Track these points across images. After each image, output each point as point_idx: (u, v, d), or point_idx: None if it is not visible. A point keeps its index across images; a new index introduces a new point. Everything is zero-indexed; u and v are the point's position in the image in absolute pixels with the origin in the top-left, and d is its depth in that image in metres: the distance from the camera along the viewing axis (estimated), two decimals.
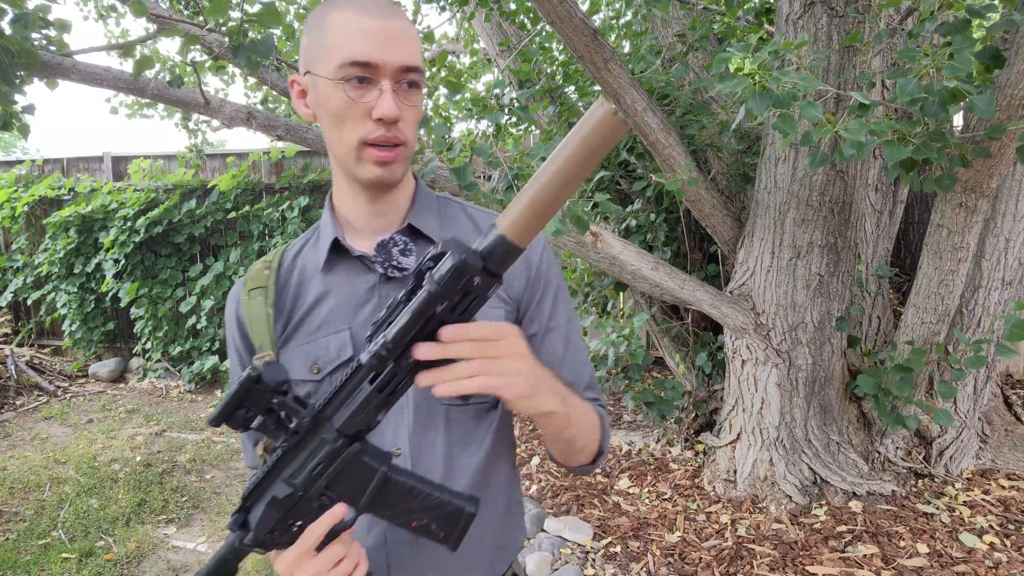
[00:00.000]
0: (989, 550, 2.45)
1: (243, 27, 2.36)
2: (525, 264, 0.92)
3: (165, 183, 5.67)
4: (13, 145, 20.83)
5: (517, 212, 0.58)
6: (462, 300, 0.63)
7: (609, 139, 0.55)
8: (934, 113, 1.81)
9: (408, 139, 0.84)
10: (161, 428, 4.54)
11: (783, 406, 2.82)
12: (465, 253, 0.59)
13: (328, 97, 0.82)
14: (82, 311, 5.77)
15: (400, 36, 0.80)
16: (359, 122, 0.81)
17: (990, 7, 1.88)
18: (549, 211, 0.58)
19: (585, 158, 0.55)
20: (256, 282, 0.93)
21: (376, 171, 0.83)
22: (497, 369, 0.64)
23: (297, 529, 0.75)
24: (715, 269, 3.46)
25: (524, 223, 0.58)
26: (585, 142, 0.55)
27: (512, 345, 0.66)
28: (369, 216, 0.91)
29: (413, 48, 0.82)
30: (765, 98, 1.76)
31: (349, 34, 0.79)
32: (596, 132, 0.54)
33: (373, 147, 0.82)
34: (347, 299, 0.89)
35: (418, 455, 0.88)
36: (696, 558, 2.54)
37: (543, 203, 0.57)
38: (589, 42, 2.43)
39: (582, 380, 0.96)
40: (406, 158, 0.86)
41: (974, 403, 2.98)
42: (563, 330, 0.94)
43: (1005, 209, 2.68)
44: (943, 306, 2.62)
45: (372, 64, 0.79)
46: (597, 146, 0.55)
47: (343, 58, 0.79)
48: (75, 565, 2.84)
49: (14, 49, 2.52)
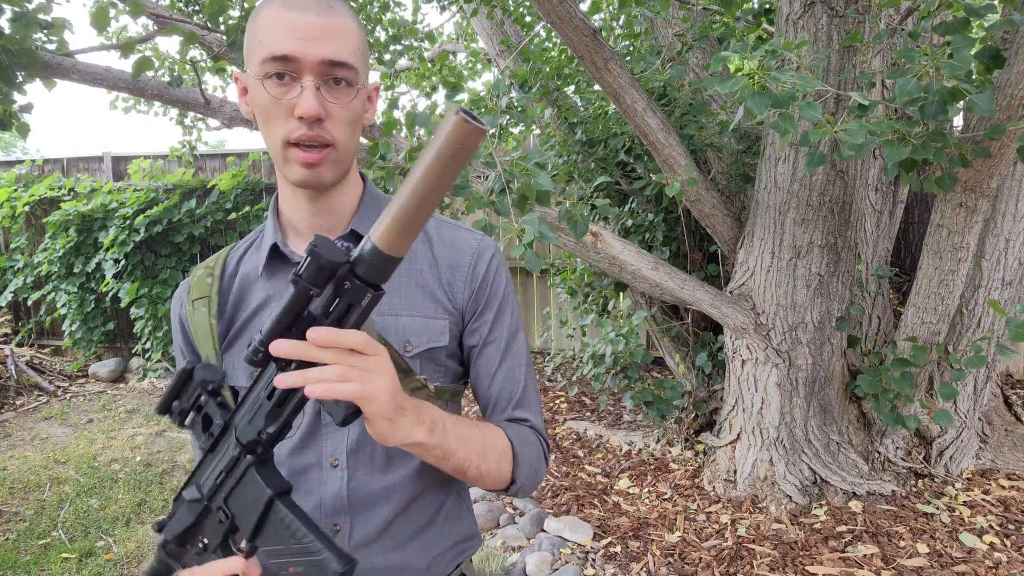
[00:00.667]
0: (989, 550, 2.45)
1: (242, 24, 2.36)
2: (471, 274, 0.90)
3: (165, 183, 5.67)
4: (13, 145, 20.83)
5: (386, 223, 0.58)
6: (336, 303, 0.62)
7: (464, 148, 0.54)
8: (933, 113, 1.81)
9: (336, 139, 0.80)
10: (161, 428, 4.54)
11: (783, 406, 2.82)
12: (322, 246, 0.59)
13: (255, 94, 0.80)
14: (82, 311, 5.77)
15: (327, 30, 0.77)
16: (283, 121, 0.78)
17: (989, 7, 1.88)
18: (417, 221, 0.58)
19: (441, 169, 0.55)
20: (199, 291, 0.92)
21: (301, 172, 0.80)
22: (362, 379, 0.62)
23: (203, 547, 0.75)
24: (715, 269, 3.46)
25: (393, 233, 0.58)
26: (439, 154, 0.55)
27: (381, 362, 0.64)
28: (310, 219, 0.88)
29: (343, 43, 0.78)
30: (764, 98, 1.76)
31: (272, 29, 0.77)
32: (449, 143, 0.54)
33: (297, 147, 0.79)
34: None
35: (355, 465, 0.87)
36: (696, 558, 2.54)
37: (408, 215, 0.57)
38: (589, 42, 2.43)
39: (512, 397, 0.93)
40: (337, 160, 0.82)
41: (974, 403, 2.98)
42: (502, 343, 0.92)
43: (1005, 209, 2.68)
44: (943, 306, 2.62)
45: (291, 58, 0.76)
46: (452, 156, 0.55)
47: (265, 53, 0.77)
48: (75, 565, 2.84)
49: (14, 49, 2.52)
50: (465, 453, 0.80)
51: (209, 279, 0.92)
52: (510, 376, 0.93)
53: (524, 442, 0.90)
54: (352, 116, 0.82)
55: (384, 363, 0.65)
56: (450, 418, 0.78)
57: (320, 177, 0.81)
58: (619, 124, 3.52)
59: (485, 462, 0.83)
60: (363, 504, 0.87)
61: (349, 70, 0.79)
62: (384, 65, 4.09)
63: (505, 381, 0.93)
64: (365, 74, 0.84)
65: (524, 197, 1.94)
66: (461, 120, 0.53)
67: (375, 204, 0.92)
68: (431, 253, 0.91)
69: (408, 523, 0.90)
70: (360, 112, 0.84)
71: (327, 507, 0.87)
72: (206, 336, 0.89)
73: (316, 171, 0.81)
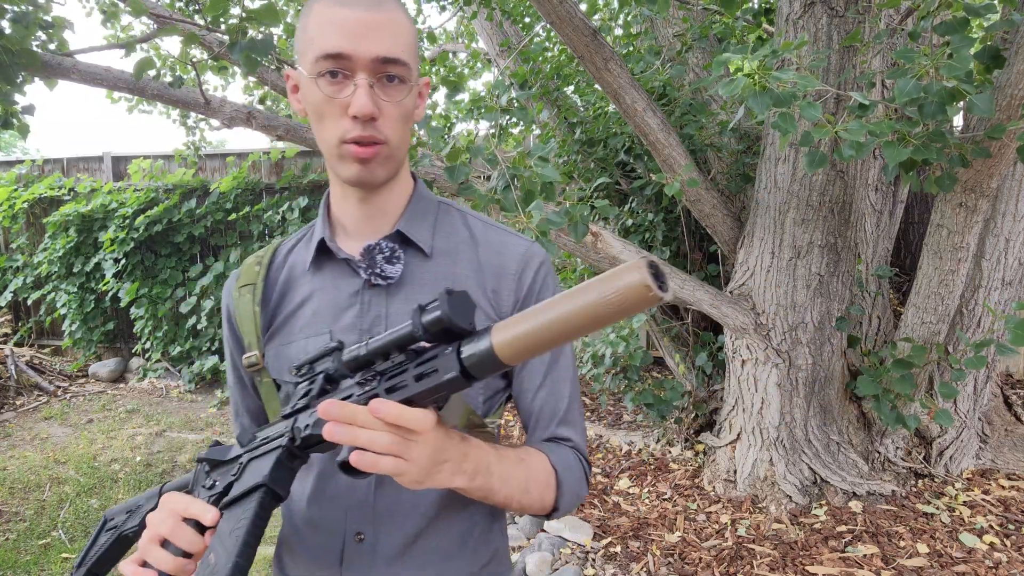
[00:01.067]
0: (989, 550, 2.45)
1: (242, 25, 2.36)
2: (517, 283, 0.87)
3: (165, 183, 5.67)
4: (13, 145, 20.84)
5: (514, 334, 0.55)
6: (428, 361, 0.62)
7: (631, 308, 0.49)
8: (932, 114, 1.81)
9: (388, 137, 0.79)
10: (161, 428, 4.54)
11: (783, 406, 2.82)
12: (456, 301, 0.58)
13: (308, 93, 0.79)
14: (82, 311, 5.77)
15: (380, 27, 0.75)
16: (337, 119, 0.77)
17: (989, 7, 1.88)
18: (545, 347, 0.55)
19: (596, 316, 0.51)
20: (247, 278, 0.92)
21: (354, 169, 0.79)
22: (404, 453, 0.61)
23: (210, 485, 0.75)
24: (715, 269, 3.47)
25: (516, 348, 0.55)
26: (603, 302, 0.50)
27: (428, 439, 0.63)
28: (359, 218, 0.87)
29: (396, 40, 0.77)
30: (765, 97, 1.76)
31: (325, 26, 0.76)
32: (619, 296, 0.49)
33: (353, 144, 0.78)
34: (330, 303, 0.87)
35: (381, 476, 0.82)
36: (696, 558, 2.54)
37: (540, 341, 0.54)
38: (589, 42, 2.43)
39: (556, 413, 0.90)
40: (389, 157, 0.81)
41: (974, 403, 2.98)
42: (547, 357, 0.89)
43: (1005, 209, 2.68)
44: (943, 306, 2.62)
45: (345, 56, 0.75)
46: (615, 311, 0.50)
47: (318, 51, 0.76)
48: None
49: (14, 49, 2.52)
50: (507, 492, 0.78)
51: (257, 267, 0.92)
52: (554, 392, 0.89)
53: (567, 467, 0.87)
54: (404, 114, 0.80)
55: (432, 438, 0.64)
56: (495, 457, 0.75)
57: (372, 174, 0.80)
58: (619, 124, 3.52)
59: (528, 497, 0.81)
60: (390, 515, 0.84)
61: (402, 67, 0.77)
62: None
63: (549, 397, 0.89)
64: (416, 70, 0.82)
65: (530, 193, 1.94)
66: (643, 285, 0.48)
67: (423, 206, 0.90)
68: (476, 258, 0.88)
69: (436, 540, 0.86)
70: (412, 109, 0.82)
71: (353, 515, 0.84)
72: (249, 323, 0.88)
73: (368, 168, 0.80)
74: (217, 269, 5.45)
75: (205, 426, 4.61)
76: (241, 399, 0.98)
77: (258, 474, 0.70)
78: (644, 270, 0.48)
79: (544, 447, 0.87)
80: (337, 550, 0.84)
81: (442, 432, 0.66)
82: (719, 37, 3.23)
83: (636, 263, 0.48)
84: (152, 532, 0.71)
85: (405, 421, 0.60)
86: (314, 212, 5.38)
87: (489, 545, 0.92)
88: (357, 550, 0.84)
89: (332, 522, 0.85)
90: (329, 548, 0.85)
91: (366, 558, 0.84)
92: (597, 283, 0.50)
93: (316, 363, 0.73)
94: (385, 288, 0.85)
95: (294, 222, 5.29)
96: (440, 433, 0.65)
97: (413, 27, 0.82)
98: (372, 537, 0.84)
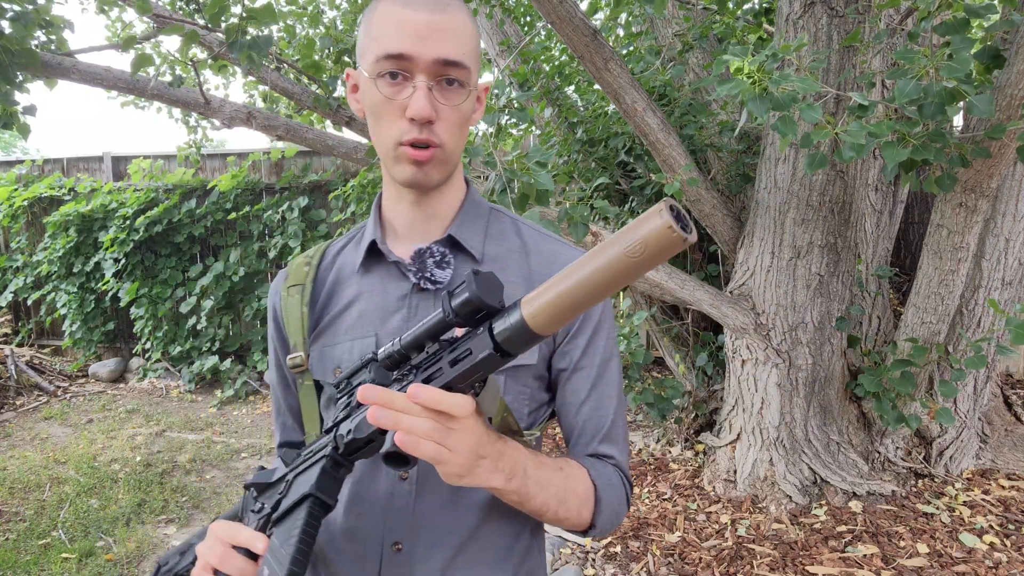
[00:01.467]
0: (989, 550, 2.45)
1: (242, 24, 2.36)
2: None
3: (165, 183, 5.67)
4: (13, 145, 20.83)
5: (542, 303, 0.54)
6: (463, 345, 0.61)
7: (658, 256, 0.48)
8: (932, 114, 1.81)
9: (444, 141, 0.78)
10: (161, 428, 4.54)
11: (783, 406, 2.82)
12: (484, 281, 0.58)
13: (367, 93, 0.79)
14: (82, 311, 5.77)
15: (443, 29, 0.74)
16: (394, 121, 0.77)
17: (989, 7, 1.88)
18: (576, 311, 0.53)
19: (623, 269, 0.49)
20: (295, 279, 0.91)
21: (409, 171, 0.78)
22: (444, 440, 0.61)
23: (259, 509, 0.75)
24: (715, 269, 3.47)
25: (547, 316, 0.54)
26: (628, 254, 0.48)
27: (470, 425, 0.63)
28: (411, 221, 0.87)
29: (458, 43, 0.76)
30: (765, 101, 1.76)
31: (387, 27, 0.75)
32: (642, 245, 0.48)
33: (409, 146, 0.77)
34: (378, 305, 0.86)
35: (424, 479, 0.82)
36: (696, 558, 2.54)
37: (570, 305, 0.53)
38: (589, 42, 2.43)
39: (598, 430, 0.86)
40: (444, 161, 0.80)
41: (974, 403, 2.98)
42: (593, 371, 0.86)
43: (1005, 209, 2.68)
44: (943, 306, 2.62)
45: (406, 57, 0.74)
46: (640, 262, 0.48)
47: (379, 52, 0.75)
48: (75, 565, 2.84)
49: (14, 49, 2.53)
50: (544, 499, 0.75)
51: (306, 267, 0.91)
52: (599, 408, 0.87)
53: (608, 484, 0.84)
54: (462, 118, 0.79)
55: (472, 426, 0.63)
56: (532, 461, 0.73)
57: (427, 177, 0.80)
58: (619, 124, 3.52)
59: (564, 508, 0.78)
60: (429, 526, 0.82)
61: (462, 70, 0.76)
62: None
63: (593, 412, 0.86)
64: (477, 74, 0.81)
65: (525, 196, 1.94)
66: (666, 228, 0.46)
67: (475, 211, 0.89)
68: (528, 266, 0.87)
69: (477, 556, 0.84)
70: (469, 113, 0.81)
71: (392, 524, 0.82)
72: (297, 324, 0.88)
73: (423, 170, 0.79)
74: (217, 269, 5.45)
75: (205, 426, 4.61)
76: (283, 397, 0.97)
77: (304, 485, 0.70)
78: (665, 213, 0.46)
79: (585, 461, 0.85)
80: (375, 559, 0.82)
81: (481, 425, 0.65)
82: (719, 37, 3.23)
83: (655, 207, 0.47)
84: (202, 563, 0.70)
85: (444, 406, 0.60)
86: (314, 212, 5.38)
87: (529, 561, 0.90)
88: (394, 560, 0.82)
89: (369, 530, 0.83)
90: (366, 557, 0.83)
91: (404, 568, 0.82)
92: (620, 236, 0.49)
93: (354, 377, 0.72)
94: (434, 293, 0.84)
95: (294, 222, 5.29)
96: (479, 424, 0.65)
97: (477, 31, 0.81)
98: (410, 547, 0.82)
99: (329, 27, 3.95)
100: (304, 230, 5.28)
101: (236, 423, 4.70)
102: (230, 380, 5.31)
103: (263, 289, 5.49)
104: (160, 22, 2.89)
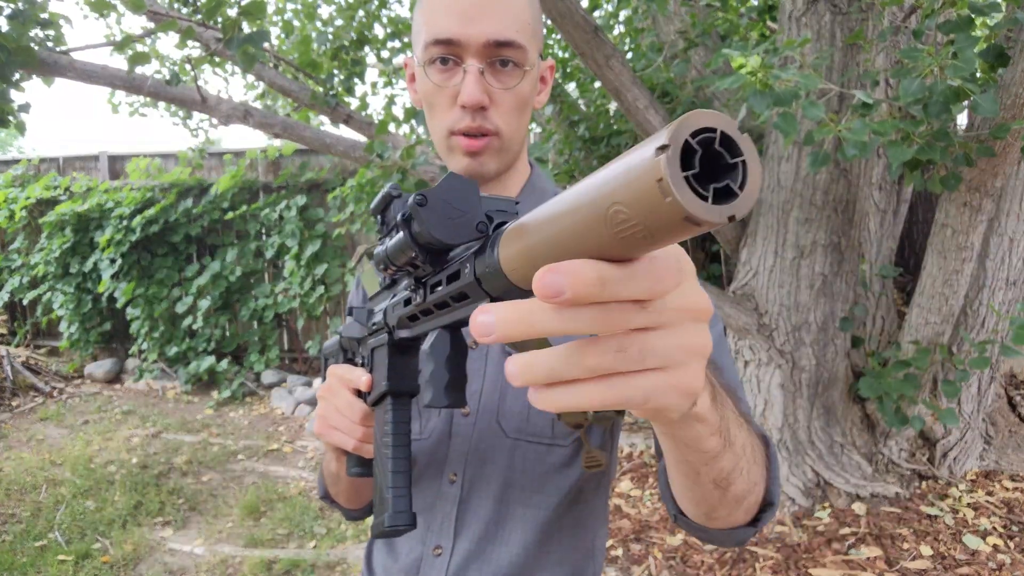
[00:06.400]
0: (993, 552, 2.43)
1: (237, 20, 2.35)
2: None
3: (161, 182, 5.64)
4: (9, 144, 20.79)
5: (514, 252, 0.39)
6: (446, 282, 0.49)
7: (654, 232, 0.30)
8: (937, 113, 1.79)
9: (500, 128, 0.73)
10: (157, 429, 4.51)
11: (786, 407, 2.80)
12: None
13: (419, 81, 0.75)
14: (79, 312, 5.74)
15: (492, 7, 0.70)
16: (446, 109, 0.73)
17: (993, 5, 1.86)
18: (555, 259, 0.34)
19: (605, 245, 0.32)
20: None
21: (464, 162, 0.75)
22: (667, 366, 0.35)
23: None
24: (717, 269, 3.45)
25: (522, 266, 0.38)
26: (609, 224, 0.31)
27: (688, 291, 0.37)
28: None
29: (509, 20, 0.71)
30: (766, 96, 1.74)
31: (435, 10, 0.71)
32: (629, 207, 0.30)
33: (462, 135, 0.73)
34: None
35: (471, 487, 0.77)
36: (698, 561, 2.52)
37: (543, 252, 0.35)
38: (590, 39, 2.40)
39: (734, 388, 0.70)
40: (501, 149, 0.75)
41: (978, 404, 2.96)
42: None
43: (1009, 208, 2.66)
44: (947, 306, 2.60)
45: (454, 41, 0.70)
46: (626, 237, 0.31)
47: (428, 37, 0.71)
48: (71, 567, 2.81)
49: (11, 47, 2.50)
50: (741, 443, 0.53)
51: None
52: (721, 364, 0.72)
53: (769, 443, 0.66)
54: (519, 101, 0.74)
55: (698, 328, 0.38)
56: (723, 389, 0.53)
57: (483, 167, 0.76)
58: (621, 122, 3.50)
59: (750, 468, 0.56)
60: (473, 533, 0.77)
61: (516, 49, 0.72)
62: (382, 62, 4.06)
63: (729, 367, 0.74)
64: (536, 52, 0.75)
65: None
66: (655, 181, 0.29)
67: (536, 197, 0.83)
68: None
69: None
70: (529, 95, 0.76)
71: (435, 525, 0.79)
72: (372, 281, 0.86)
73: (479, 160, 0.75)
74: (214, 269, 5.41)
75: (201, 427, 4.58)
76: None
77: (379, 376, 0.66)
78: (661, 159, 0.28)
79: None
80: (415, 559, 0.80)
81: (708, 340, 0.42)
82: (722, 35, 3.22)
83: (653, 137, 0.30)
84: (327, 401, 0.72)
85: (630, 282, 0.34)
86: (312, 211, 5.34)
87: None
88: (433, 564, 0.79)
89: (415, 531, 0.81)
90: (409, 555, 0.81)
91: (438, 572, 0.79)
92: (601, 180, 0.31)
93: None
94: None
95: (291, 221, 5.25)
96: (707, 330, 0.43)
97: (532, 5, 0.75)
98: (449, 552, 0.79)
99: (327, 22, 3.93)
100: (302, 229, 5.24)
101: (233, 424, 4.67)
102: (227, 381, 5.27)
103: (260, 289, 5.45)
104: (157, 20, 2.86)
